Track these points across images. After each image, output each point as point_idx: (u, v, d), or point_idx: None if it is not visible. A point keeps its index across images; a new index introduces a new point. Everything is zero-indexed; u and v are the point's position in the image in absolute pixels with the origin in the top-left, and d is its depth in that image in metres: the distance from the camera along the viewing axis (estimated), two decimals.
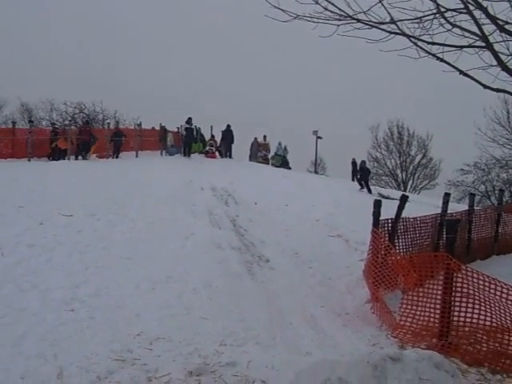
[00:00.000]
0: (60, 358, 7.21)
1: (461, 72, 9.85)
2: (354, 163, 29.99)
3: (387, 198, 24.49)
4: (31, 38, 73.81)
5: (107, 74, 71.11)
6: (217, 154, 35.07)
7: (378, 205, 11.05)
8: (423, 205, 20.14)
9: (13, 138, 26.92)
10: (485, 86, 9.78)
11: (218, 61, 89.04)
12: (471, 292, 8.17)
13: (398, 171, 54.67)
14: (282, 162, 35.76)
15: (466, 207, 15.77)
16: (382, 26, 9.81)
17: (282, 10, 9.80)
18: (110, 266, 11.14)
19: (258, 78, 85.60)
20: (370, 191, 27.34)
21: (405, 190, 45.84)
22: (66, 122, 39.96)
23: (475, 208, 15.43)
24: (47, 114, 45.59)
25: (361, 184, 27.89)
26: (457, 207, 18.04)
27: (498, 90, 9.92)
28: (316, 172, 42.42)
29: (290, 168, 35.84)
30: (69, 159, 27.49)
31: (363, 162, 29.88)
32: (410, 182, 54.14)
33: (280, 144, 37.30)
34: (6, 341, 7.54)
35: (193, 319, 9.02)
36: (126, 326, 8.48)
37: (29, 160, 25.10)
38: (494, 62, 9.57)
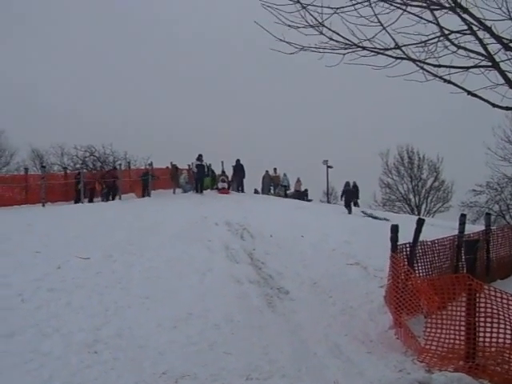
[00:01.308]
0: None
1: (469, 92, 9.85)
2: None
3: (374, 217, 25.12)
4: (38, 84, 74.64)
5: (115, 117, 71.68)
6: (229, 189, 34.83)
7: (395, 230, 11.02)
8: (439, 227, 20.02)
9: (26, 184, 27.10)
10: (494, 105, 9.78)
11: (226, 99, 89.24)
12: (495, 311, 8.10)
13: (411, 195, 54.53)
14: (285, 191, 36.26)
15: (481, 228, 15.70)
16: (388, 52, 9.84)
17: (288, 42, 9.86)
18: (129, 306, 11.13)
19: (265, 109, 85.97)
20: (349, 211, 28.43)
21: (419, 214, 45.68)
22: (78, 166, 40.05)
23: (492, 227, 15.33)
24: (58, 158, 46.02)
25: (347, 207, 28.91)
26: (473, 228, 17.94)
27: (507, 109, 9.91)
28: (328, 202, 42.31)
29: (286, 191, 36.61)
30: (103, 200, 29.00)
31: (347, 184, 31.21)
32: (424, 206, 53.95)
33: (285, 175, 37.55)
34: None
35: (217, 355, 8.97)
36: (151, 366, 8.46)
37: (43, 205, 25.21)
38: (501, 81, 9.57)
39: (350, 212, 28.46)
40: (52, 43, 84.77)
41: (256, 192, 38.46)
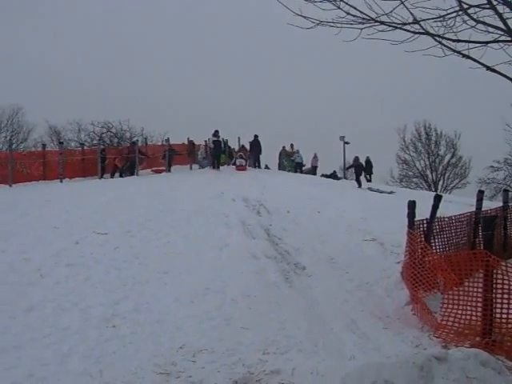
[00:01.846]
0: (105, 374, 7.26)
1: (488, 68, 9.77)
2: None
3: (378, 191, 25.46)
4: (55, 61, 74.71)
5: (131, 92, 71.68)
6: (246, 166, 34.67)
7: (412, 206, 11.00)
8: (456, 204, 19.99)
9: (43, 160, 27.22)
10: None
11: (243, 77, 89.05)
12: None
13: (428, 172, 54.24)
14: (296, 167, 36.13)
15: (499, 204, 15.63)
16: (406, 27, 9.77)
17: (305, 17, 9.80)
18: (147, 281, 11.21)
19: (283, 85, 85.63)
20: (359, 185, 29.22)
21: (436, 191, 45.42)
22: (95, 142, 40.14)
23: (509, 204, 15.26)
24: (75, 135, 46.01)
25: (358, 181, 29.65)
26: (490, 205, 17.87)
27: None
28: (345, 177, 42.29)
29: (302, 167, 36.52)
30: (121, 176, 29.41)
31: (356, 159, 31.41)
32: (441, 182, 53.70)
33: (298, 152, 37.48)
34: (52, 359, 7.61)
35: (234, 330, 9.02)
36: (168, 340, 8.52)
37: (61, 181, 25.35)
38: None
39: (359, 186, 29.14)
40: (68, 18, 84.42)
41: (267, 167, 38.47)
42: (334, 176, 33.43)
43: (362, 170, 31.49)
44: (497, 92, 36.27)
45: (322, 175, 33.45)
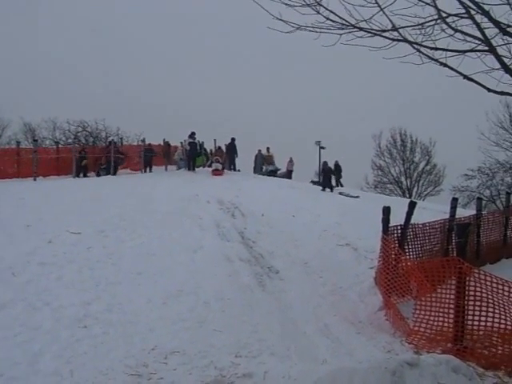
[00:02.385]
0: (76, 374, 7.23)
1: (464, 76, 9.82)
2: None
3: (348, 195, 25.94)
4: (32, 58, 74.13)
5: (108, 92, 71.34)
6: (223, 170, 33.00)
7: (386, 212, 11.06)
8: (429, 211, 20.11)
9: (17, 157, 26.99)
10: (489, 90, 9.75)
11: (219, 77, 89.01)
12: (484, 295, 8.17)
13: (403, 178, 54.50)
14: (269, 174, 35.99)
15: (472, 212, 15.78)
16: (384, 34, 9.79)
17: (284, 21, 9.79)
18: (120, 282, 11.15)
19: (260, 90, 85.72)
20: (330, 189, 29.49)
21: (410, 197, 45.65)
22: (70, 141, 39.87)
23: (483, 212, 15.41)
24: (50, 133, 45.66)
25: (323, 185, 29.81)
26: (463, 212, 18.01)
27: (502, 93, 9.89)
28: (320, 182, 42.39)
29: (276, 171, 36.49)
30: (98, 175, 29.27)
31: (325, 163, 31.93)
32: (415, 189, 53.96)
33: (272, 160, 37.45)
34: (22, 359, 7.55)
35: (206, 332, 9.03)
36: (140, 341, 8.49)
37: (34, 179, 25.13)
38: (497, 66, 9.54)
39: (330, 190, 29.35)
40: (45, 16, 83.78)
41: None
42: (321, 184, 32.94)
43: (331, 174, 31.72)
44: (473, 101, 36.66)
45: (312, 182, 32.73)
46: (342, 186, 34.17)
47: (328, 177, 30.64)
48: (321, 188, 29.31)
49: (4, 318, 8.85)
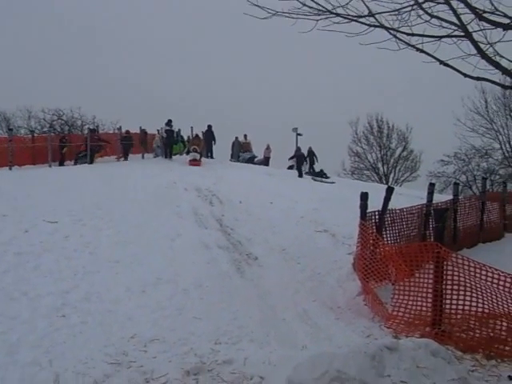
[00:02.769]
0: (55, 363, 7.18)
1: (441, 62, 9.85)
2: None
3: (320, 181, 27.80)
4: (5, 44, 73.33)
5: (83, 79, 70.72)
6: (201, 159, 31.49)
7: (364, 197, 11.08)
8: (406, 196, 20.20)
9: None
10: (465, 75, 9.79)
11: (195, 61, 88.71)
12: (462, 279, 8.22)
13: (380, 165, 54.58)
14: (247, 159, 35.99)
15: (449, 197, 15.88)
16: (361, 20, 9.78)
17: (260, 7, 9.76)
18: (98, 271, 11.11)
19: (236, 77, 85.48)
20: (300, 175, 29.80)
21: (387, 183, 45.84)
22: (45, 130, 39.56)
23: (459, 197, 15.50)
24: (25, 121, 45.25)
25: (299, 171, 30.28)
26: (440, 198, 18.13)
27: (478, 79, 9.93)
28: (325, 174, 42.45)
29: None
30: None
31: (298, 149, 32.73)
32: (392, 175, 54.07)
33: (250, 146, 37.50)
34: (0, 349, 7.49)
35: (186, 319, 9.03)
36: (119, 330, 8.48)
37: (10, 168, 24.87)
38: (473, 51, 9.57)
39: (300, 176, 29.65)
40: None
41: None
42: (321, 175, 32.37)
43: (303, 160, 32.11)
44: (449, 87, 36.79)
45: (308, 173, 32.20)
46: (314, 171, 34.12)
47: (299, 162, 31.04)
48: (297, 175, 29.53)
49: None
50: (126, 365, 7.20)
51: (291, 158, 32.95)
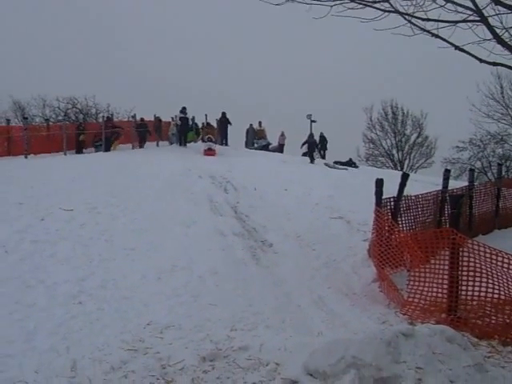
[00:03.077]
0: (72, 350, 7.24)
1: (456, 47, 9.78)
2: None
3: (334, 167, 27.56)
4: (20, 34, 73.49)
5: (96, 67, 70.76)
6: (216, 149, 29.61)
7: (379, 184, 11.05)
8: (421, 183, 20.14)
9: (8, 135, 26.81)
10: (481, 61, 9.72)
11: (209, 48, 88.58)
12: (478, 265, 8.19)
13: (394, 151, 54.25)
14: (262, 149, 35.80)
15: (464, 184, 15.81)
16: (376, 5, 9.72)
17: None
18: (114, 258, 11.17)
19: (249, 64, 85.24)
20: (311, 161, 29.74)
21: (402, 170, 45.60)
22: (60, 118, 39.69)
23: (475, 183, 15.43)
24: (40, 110, 45.27)
25: (310, 157, 30.22)
26: (455, 184, 18.05)
27: (494, 64, 9.86)
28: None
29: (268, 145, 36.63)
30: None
31: (311, 136, 32.37)
32: (407, 162, 53.77)
33: (264, 133, 37.41)
34: (17, 337, 7.57)
35: (201, 306, 9.06)
36: (135, 317, 8.52)
37: (25, 157, 24.98)
38: (489, 36, 9.49)
39: (312, 162, 29.64)
40: None
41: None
42: (350, 164, 30.98)
43: (315, 146, 32.18)
44: (464, 72, 36.50)
45: (336, 162, 31.34)
46: (325, 157, 34.09)
47: (311, 149, 31.05)
48: (309, 161, 29.62)
49: None
50: (142, 351, 7.24)
51: (303, 144, 32.80)
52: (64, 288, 9.43)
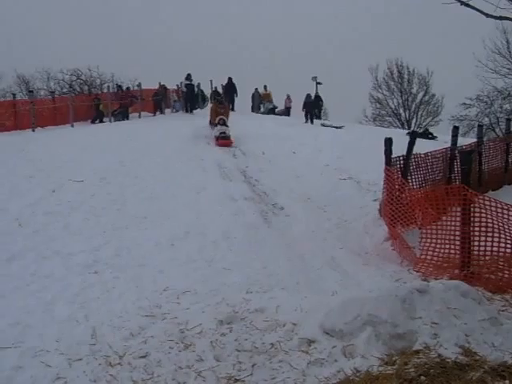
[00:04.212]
0: (91, 318, 7.32)
1: (462, 3, 9.74)
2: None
3: (330, 126, 27.94)
4: (22, 8, 73.08)
5: (100, 38, 70.44)
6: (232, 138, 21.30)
7: (388, 143, 11.04)
8: (430, 141, 20.12)
9: (14, 109, 26.79)
10: (487, 15, 9.66)
11: (208, 14, 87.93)
12: (489, 221, 8.22)
13: (401, 110, 53.95)
14: (268, 113, 35.69)
15: (472, 141, 15.76)
16: None
17: None
18: (127, 227, 11.26)
19: (255, 28, 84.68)
20: (308, 121, 30.50)
21: (409, 129, 45.43)
22: (65, 90, 39.63)
23: (483, 139, 15.37)
24: (44, 83, 45.17)
25: (306, 117, 30.81)
26: (463, 141, 18.00)
27: (500, 18, 9.82)
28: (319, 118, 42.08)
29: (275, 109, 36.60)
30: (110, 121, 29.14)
31: (308, 96, 32.28)
32: (414, 120, 53.55)
33: (270, 97, 37.31)
34: (36, 307, 7.65)
35: (216, 271, 9.13)
36: (151, 283, 8.59)
37: (33, 130, 24.98)
38: None
39: (311, 122, 30.35)
40: None
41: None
42: (426, 135, 26.96)
43: (312, 106, 32.31)
44: (469, 28, 36.20)
45: (411, 133, 28.36)
46: (319, 117, 34.28)
47: (308, 109, 31.33)
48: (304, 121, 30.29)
49: (15, 269, 8.97)
50: (160, 317, 7.31)
51: (304, 106, 32.83)
52: (79, 258, 9.53)
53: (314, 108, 32.37)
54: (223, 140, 20.62)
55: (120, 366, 6.01)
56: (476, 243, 8.41)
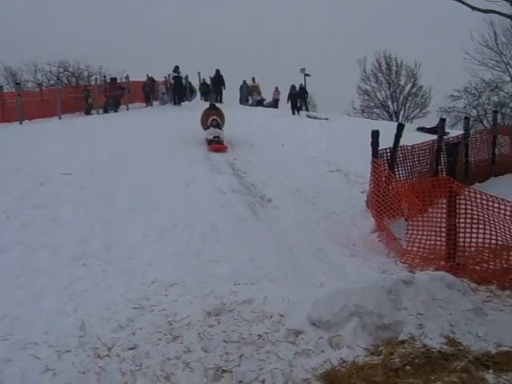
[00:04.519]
0: (80, 311, 7.34)
1: None
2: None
3: (315, 118, 28.44)
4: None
5: (88, 31, 70.11)
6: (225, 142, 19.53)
7: (376, 135, 11.10)
8: (417, 133, 20.20)
9: (1, 102, 26.69)
10: (473, 8, 9.75)
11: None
12: (475, 213, 8.29)
13: (389, 102, 54.14)
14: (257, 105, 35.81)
15: (459, 132, 15.84)
16: None
17: None
18: (115, 220, 11.28)
19: (241, 18, 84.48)
20: (295, 112, 31.14)
21: (397, 121, 45.55)
22: (52, 82, 39.50)
23: (470, 132, 15.45)
24: (32, 75, 44.96)
25: (292, 109, 31.30)
26: (450, 133, 18.08)
27: (486, 11, 9.91)
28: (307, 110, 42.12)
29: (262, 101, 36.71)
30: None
31: (293, 87, 32.72)
32: (402, 112, 53.70)
33: (259, 90, 37.36)
34: (25, 300, 7.67)
35: (204, 263, 9.15)
36: (140, 276, 8.60)
37: (20, 123, 24.88)
38: None
39: (296, 114, 30.97)
40: None
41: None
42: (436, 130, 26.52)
43: (297, 98, 32.61)
44: (456, 21, 36.31)
45: (421, 129, 26.39)
46: (307, 109, 34.39)
47: (293, 100, 31.72)
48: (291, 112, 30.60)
49: (3, 261, 8.98)
50: (148, 309, 7.34)
51: (288, 97, 33.02)
52: (68, 251, 9.53)
53: (298, 99, 32.62)
54: (216, 144, 18.98)
55: (108, 357, 6.04)
56: (461, 235, 8.47)
